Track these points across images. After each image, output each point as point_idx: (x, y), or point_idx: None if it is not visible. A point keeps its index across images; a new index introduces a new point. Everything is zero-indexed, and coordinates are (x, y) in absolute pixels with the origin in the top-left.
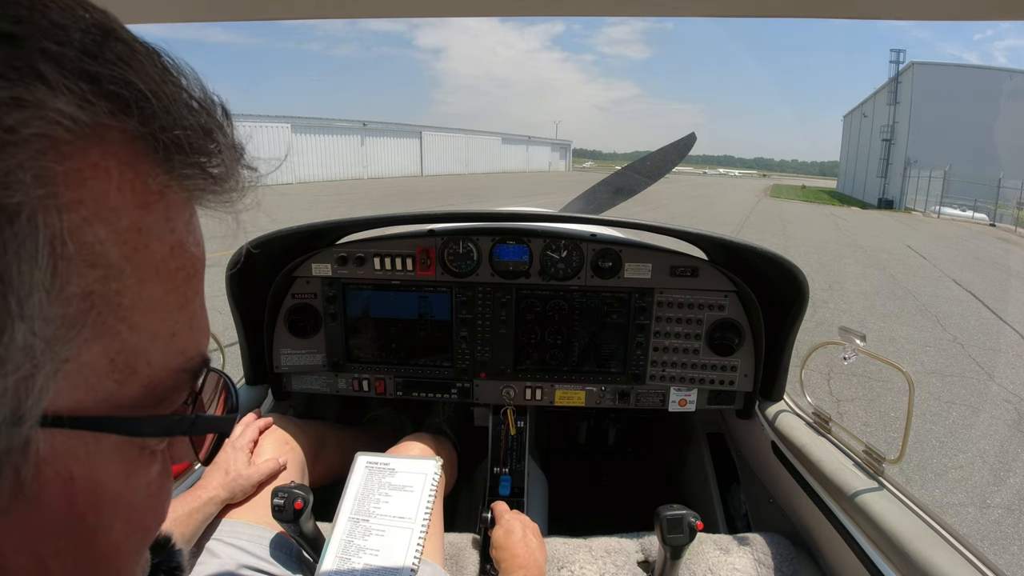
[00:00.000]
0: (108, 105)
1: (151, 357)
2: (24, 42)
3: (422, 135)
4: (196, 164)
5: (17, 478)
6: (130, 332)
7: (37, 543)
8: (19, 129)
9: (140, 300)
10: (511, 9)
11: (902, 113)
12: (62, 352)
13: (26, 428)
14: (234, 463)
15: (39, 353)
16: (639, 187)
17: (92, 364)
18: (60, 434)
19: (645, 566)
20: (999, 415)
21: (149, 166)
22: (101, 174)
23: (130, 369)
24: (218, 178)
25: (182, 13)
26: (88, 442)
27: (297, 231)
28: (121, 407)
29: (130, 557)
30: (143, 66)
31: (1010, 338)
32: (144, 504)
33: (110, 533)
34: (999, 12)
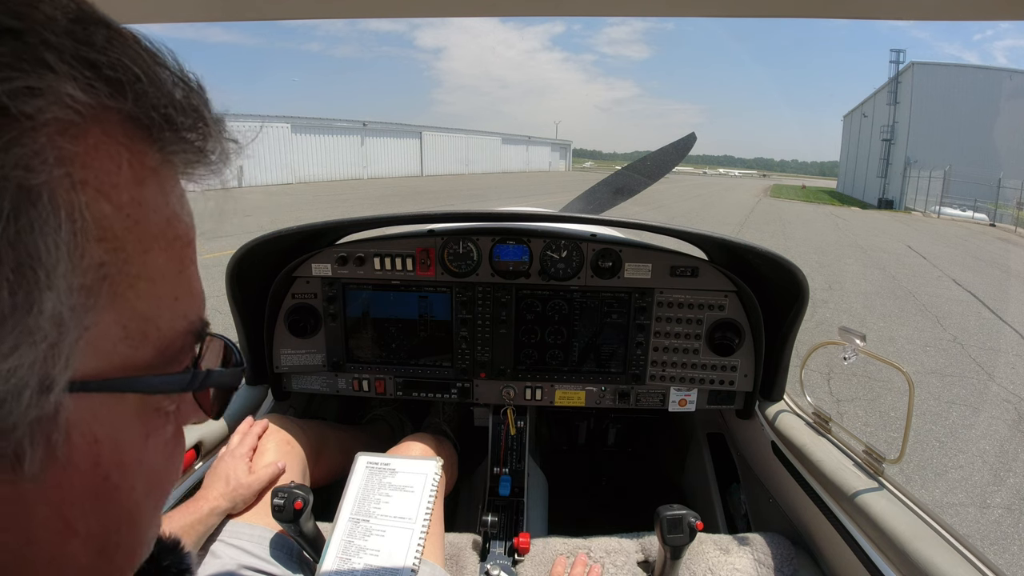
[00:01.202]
0: (107, 88)
1: (159, 322)
2: (27, 35)
3: (422, 135)
4: (185, 139)
5: (48, 444)
6: (138, 299)
7: (65, 505)
8: (36, 115)
9: (145, 268)
10: (511, 9)
11: (902, 113)
12: (84, 320)
13: (55, 395)
14: (234, 472)
15: (65, 321)
16: (639, 187)
17: (108, 331)
18: (85, 399)
19: (645, 566)
20: (999, 415)
21: (144, 144)
22: (104, 153)
23: (142, 334)
24: (206, 151)
25: (182, 13)
26: (110, 405)
27: (297, 231)
28: (137, 369)
29: (149, 515)
30: (131, 49)
31: (1010, 338)
32: (162, 463)
33: (132, 492)
34: (999, 12)
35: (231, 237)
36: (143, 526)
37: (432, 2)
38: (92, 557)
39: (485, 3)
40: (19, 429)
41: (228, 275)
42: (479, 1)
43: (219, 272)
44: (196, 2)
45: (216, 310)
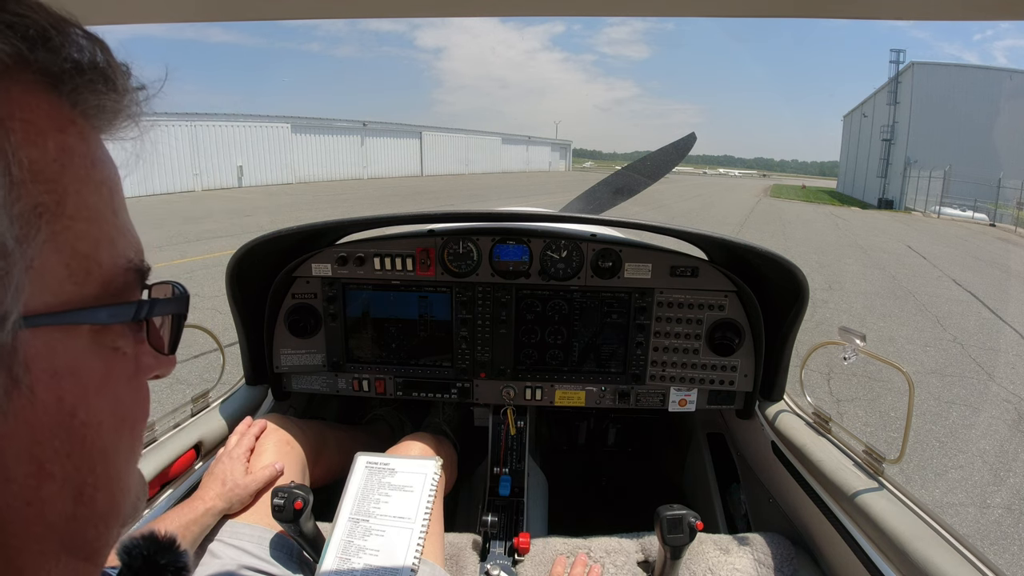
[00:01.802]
0: (24, 43)
1: (100, 259)
2: None
3: (422, 135)
4: (97, 90)
5: (11, 375)
6: (78, 240)
7: (36, 447)
8: None
9: (80, 210)
10: (511, 9)
11: (902, 113)
12: (27, 252)
13: (9, 326)
14: (231, 473)
15: (10, 252)
16: (639, 187)
17: (53, 269)
18: (39, 333)
19: (645, 566)
20: (999, 415)
21: (61, 94)
22: (27, 103)
23: (85, 271)
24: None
25: (182, 13)
26: (64, 339)
27: (297, 231)
28: (84, 303)
29: (124, 457)
30: (42, 10)
31: (1010, 338)
32: (128, 401)
33: (101, 429)
34: (999, 12)
35: (231, 237)
36: (118, 468)
37: (432, 2)
38: (71, 503)
39: (485, 3)
40: None
41: (228, 275)
42: (479, 1)
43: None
44: (196, 2)
45: (216, 310)
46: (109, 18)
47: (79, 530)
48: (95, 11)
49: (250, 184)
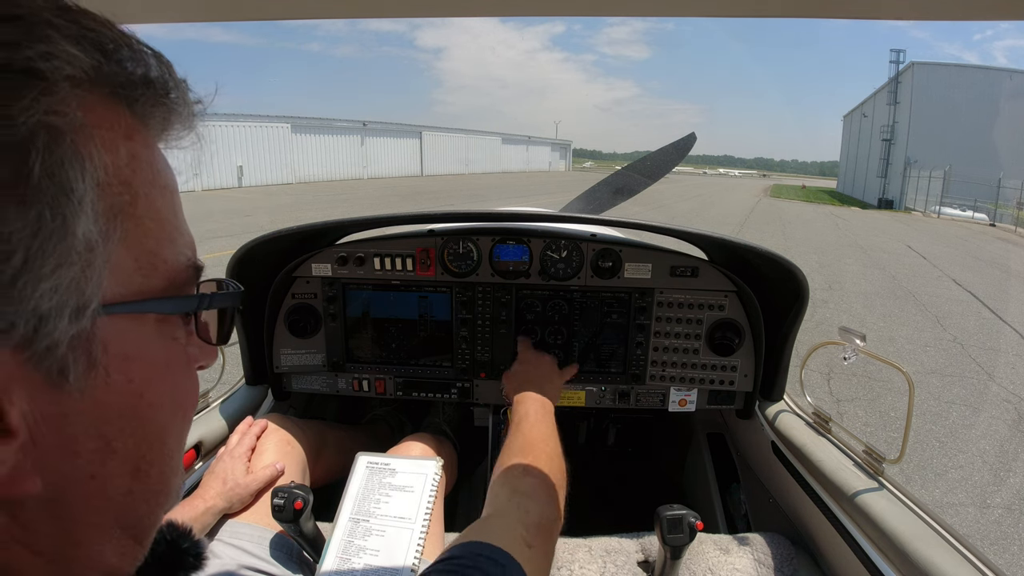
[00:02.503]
0: (102, 56)
1: (164, 256)
2: (30, 16)
3: (422, 135)
4: (160, 102)
5: (89, 358)
6: (146, 237)
7: (104, 424)
8: (55, 73)
9: (148, 210)
10: (511, 9)
11: (902, 113)
12: (107, 247)
13: (90, 312)
14: (232, 472)
15: (94, 246)
16: (639, 187)
17: (125, 263)
18: (114, 320)
19: (645, 566)
20: (999, 415)
21: (128, 105)
22: (102, 110)
23: (152, 266)
24: (178, 111)
25: (182, 13)
26: (134, 326)
27: (297, 231)
28: (152, 295)
29: (176, 438)
30: (112, 27)
31: (1010, 338)
32: (183, 384)
33: (161, 411)
34: (999, 12)
35: (231, 237)
36: (171, 448)
37: (432, 2)
38: (128, 479)
39: (485, 3)
40: (63, 344)
41: (228, 275)
42: (479, 1)
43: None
44: (196, 2)
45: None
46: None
47: (133, 506)
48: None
49: (250, 184)
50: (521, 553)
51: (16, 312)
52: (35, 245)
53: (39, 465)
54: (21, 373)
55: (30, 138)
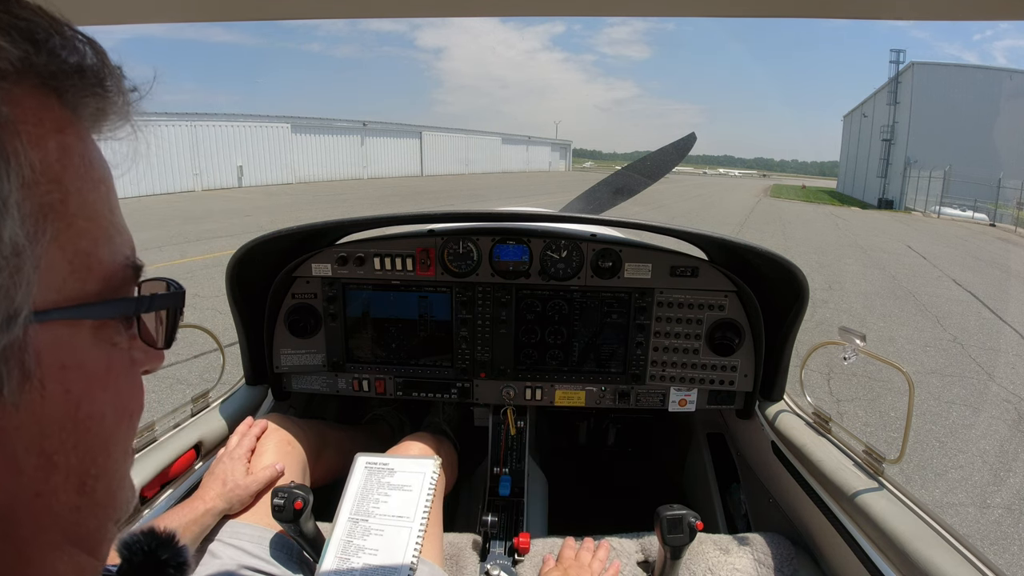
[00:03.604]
0: (31, 47)
1: (100, 256)
2: None
3: (422, 135)
4: (93, 92)
5: (23, 369)
6: (79, 237)
7: (44, 439)
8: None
9: (81, 208)
10: (511, 9)
11: (902, 113)
12: (36, 250)
13: (21, 321)
14: (232, 473)
15: (22, 250)
16: (639, 187)
17: (57, 266)
18: (47, 328)
19: (645, 566)
20: (999, 415)
21: (61, 95)
22: (30, 104)
23: (86, 268)
24: (113, 101)
25: (182, 13)
26: (69, 333)
27: (297, 231)
28: (87, 299)
29: (122, 448)
30: (44, 14)
31: (1010, 338)
32: (126, 391)
33: (103, 421)
34: (999, 12)
35: (231, 237)
36: (117, 459)
37: (432, 2)
38: (74, 494)
39: (485, 3)
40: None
41: (228, 275)
42: (479, 1)
43: (219, 272)
44: (196, 2)
45: (216, 310)
46: (109, 18)
47: (82, 520)
48: (96, 11)
49: (250, 184)
50: None
51: None
52: None
53: None
54: None
55: None
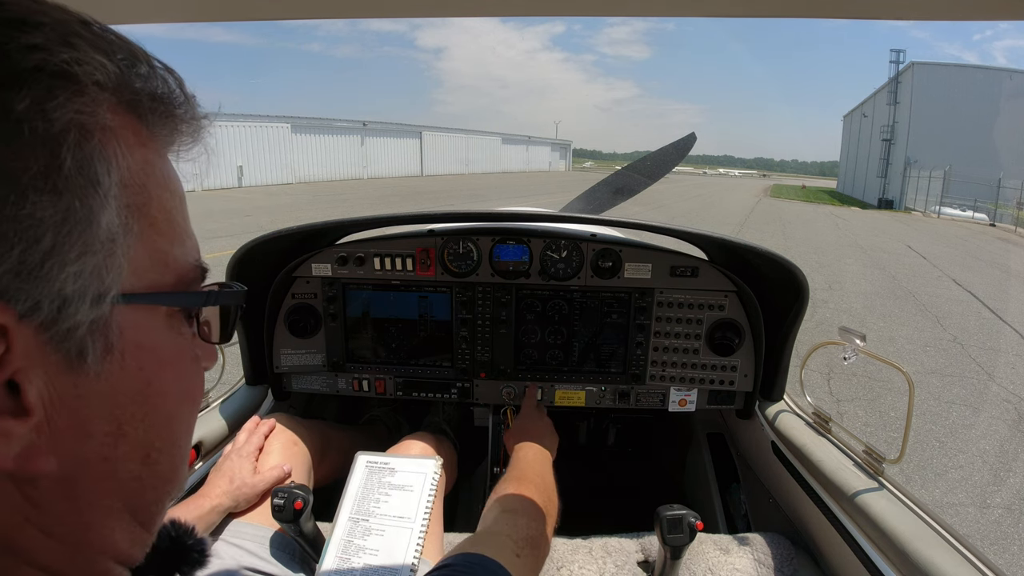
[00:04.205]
0: (123, 68)
1: (175, 255)
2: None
3: (422, 135)
4: (171, 115)
5: (106, 342)
6: (159, 236)
7: (117, 409)
8: (86, 78)
9: (160, 212)
10: (511, 9)
11: (902, 113)
12: (126, 241)
13: (109, 300)
14: (239, 471)
15: (116, 237)
16: (639, 187)
17: (140, 258)
18: (129, 309)
19: (645, 566)
20: (999, 415)
21: (144, 115)
22: (122, 118)
23: (163, 263)
24: (186, 123)
25: (182, 13)
26: (147, 317)
27: (297, 231)
28: (163, 290)
29: (183, 428)
30: (131, 43)
31: (1010, 338)
32: (188, 375)
33: (168, 399)
34: (999, 12)
35: (231, 237)
36: (179, 436)
37: (432, 2)
38: (139, 464)
39: (485, 3)
40: (83, 327)
41: (228, 275)
42: (479, 1)
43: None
44: (197, 2)
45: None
46: (109, 18)
47: (142, 491)
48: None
49: (250, 184)
50: (510, 562)
51: (41, 293)
52: (63, 231)
53: (53, 445)
54: (41, 353)
55: (63, 133)
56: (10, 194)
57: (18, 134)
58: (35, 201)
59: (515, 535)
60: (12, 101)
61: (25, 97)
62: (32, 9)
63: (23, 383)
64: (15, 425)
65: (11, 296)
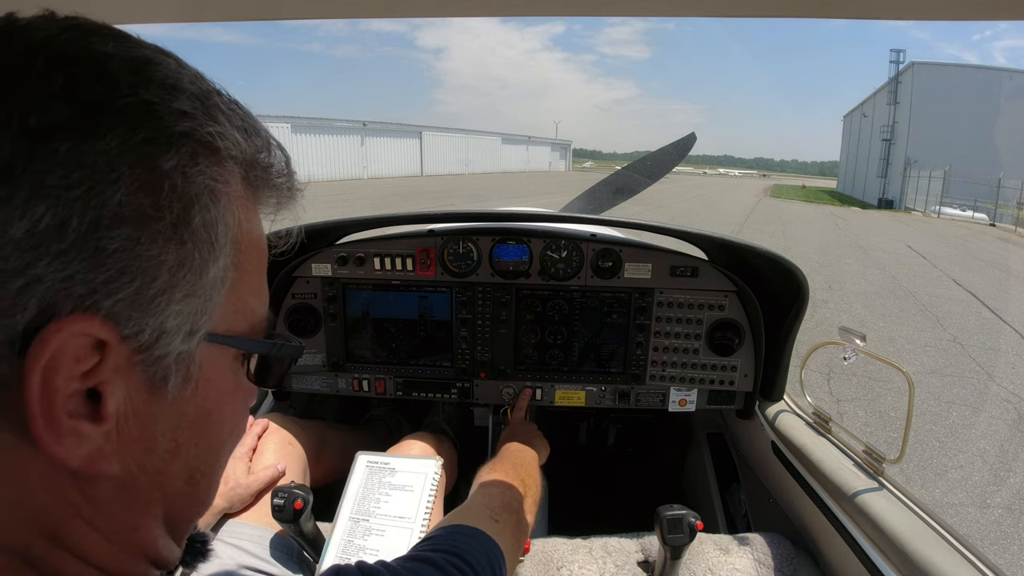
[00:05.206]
0: (254, 151)
1: (252, 305)
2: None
3: (422, 135)
4: (274, 185)
5: (187, 373)
6: (245, 289)
7: (179, 430)
8: (224, 150)
9: (251, 268)
10: (511, 9)
11: (902, 113)
12: (223, 289)
13: (198, 337)
14: (233, 472)
15: (217, 287)
16: (639, 187)
17: (226, 305)
18: (209, 347)
19: (645, 566)
20: (999, 415)
21: (255, 187)
22: (233, 182)
23: (243, 312)
24: (287, 195)
25: (182, 13)
26: (221, 355)
27: None
28: (238, 335)
29: (223, 459)
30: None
31: (1010, 338)
32: (239, 412)
33: (221, 429)
34: (999, 12)
35: None
36: (219, 466)
37: (432, 2)
38: (183, 483)
39: (485, 3)
40: (171, 357)
41: None
42: (479, 1)
43: None
44: (196, 2)
45: None
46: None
47: (180, 507)
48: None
49: None
50: (489, 527)
51: (146, 322)
52: (178, 275)
53: (119, 452)
54: (130, 372)
55: (197, 196)
56: (142, 236)
57: (160, 188)
58: (161, 246)
59: (491, 503)
60: (162, 159)
61: (173, 158)
62: (179, 75)
63: (105, 393)
64: (90, 428)
65: (120, 319)
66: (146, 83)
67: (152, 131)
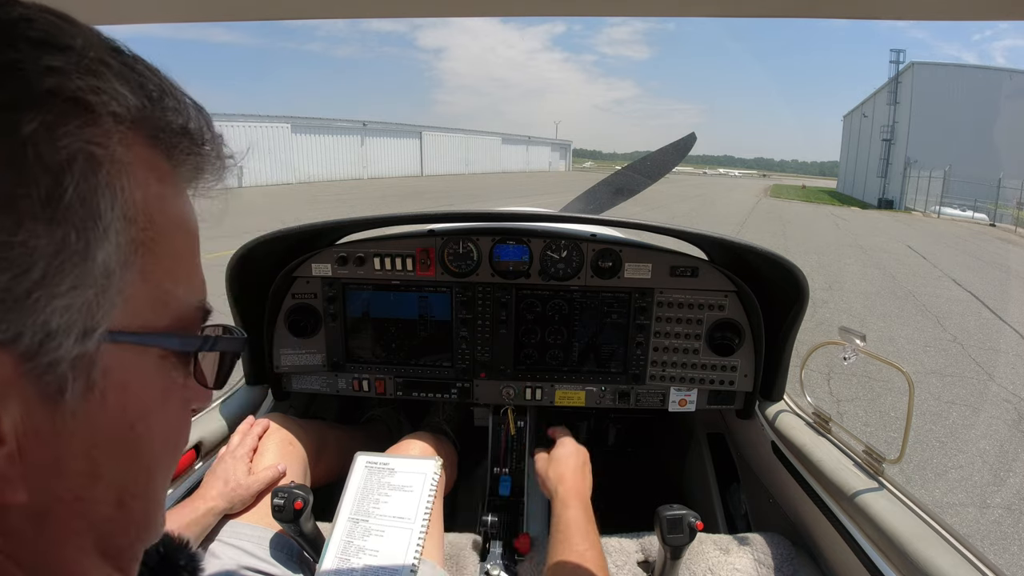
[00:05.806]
0: (148, 100)
1: (177, 294)
2: (86, 51)
3: (422, 135)
4: (195, 152)
5: (88, 380)
6: (163, 274)
7: (94, 448)
8: (101, 107)
9: (168, 249)
10: (511, 9)
11: (902, 113)
12: (123, 277)
13: (96, 337)
14: (233, 472)
15: (111, 273)
16: (639, 187)
17: (138, 295)
18: (117, 348)
19: (645, 566)
20: (999, 415)
21: (166, 149)
22: (140, 149)
23: (163, 303)
24: (211, 161)
25: (182, 13)
26: (136, 358)
27: (297, 231)
28: (158, 331)
29: (162, 476)
30: (159, 74)
31: (1010, 338)
32: (175, 424)
33: (151, 446)
34: (999, 12)
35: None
36: (156, 484)
37: (433, 2)
38: (112, 507)
39: (485, 3)
40: (64, 363)
41: (228, 275)
42: (479, 1)
43: (219, 272)
44: (196, 2)
45: (216, 311)
46: (109, 18)
47: (114, 534)
48: (96, 11)
49: (250, 184)
50: None
51: (25, 323)
52: (55, 263)
53: (25, 477)
54: (19, 384)
55: (68, 163)
56: (6, 220)
57: (22, 157)
58: (30, 229)
59: None
60: (20, 122)
61: (34, 120)
62: (61, 30)
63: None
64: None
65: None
66: (14, 41)
67: (13, 93)
